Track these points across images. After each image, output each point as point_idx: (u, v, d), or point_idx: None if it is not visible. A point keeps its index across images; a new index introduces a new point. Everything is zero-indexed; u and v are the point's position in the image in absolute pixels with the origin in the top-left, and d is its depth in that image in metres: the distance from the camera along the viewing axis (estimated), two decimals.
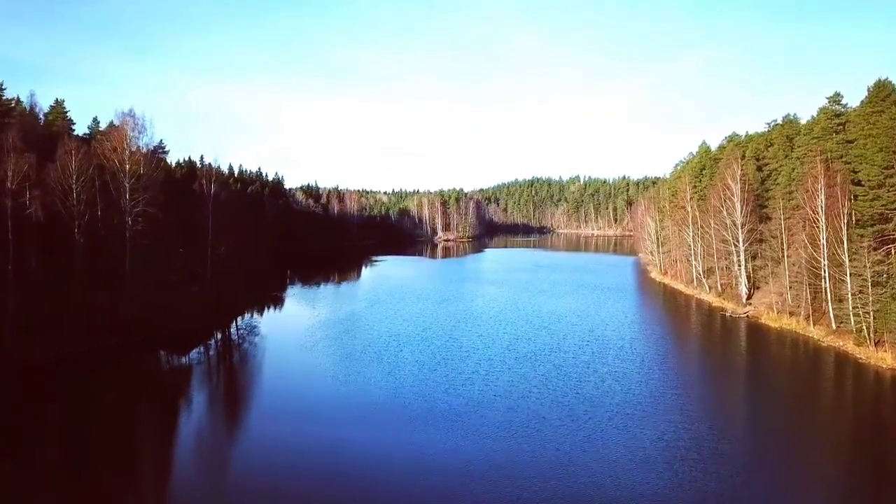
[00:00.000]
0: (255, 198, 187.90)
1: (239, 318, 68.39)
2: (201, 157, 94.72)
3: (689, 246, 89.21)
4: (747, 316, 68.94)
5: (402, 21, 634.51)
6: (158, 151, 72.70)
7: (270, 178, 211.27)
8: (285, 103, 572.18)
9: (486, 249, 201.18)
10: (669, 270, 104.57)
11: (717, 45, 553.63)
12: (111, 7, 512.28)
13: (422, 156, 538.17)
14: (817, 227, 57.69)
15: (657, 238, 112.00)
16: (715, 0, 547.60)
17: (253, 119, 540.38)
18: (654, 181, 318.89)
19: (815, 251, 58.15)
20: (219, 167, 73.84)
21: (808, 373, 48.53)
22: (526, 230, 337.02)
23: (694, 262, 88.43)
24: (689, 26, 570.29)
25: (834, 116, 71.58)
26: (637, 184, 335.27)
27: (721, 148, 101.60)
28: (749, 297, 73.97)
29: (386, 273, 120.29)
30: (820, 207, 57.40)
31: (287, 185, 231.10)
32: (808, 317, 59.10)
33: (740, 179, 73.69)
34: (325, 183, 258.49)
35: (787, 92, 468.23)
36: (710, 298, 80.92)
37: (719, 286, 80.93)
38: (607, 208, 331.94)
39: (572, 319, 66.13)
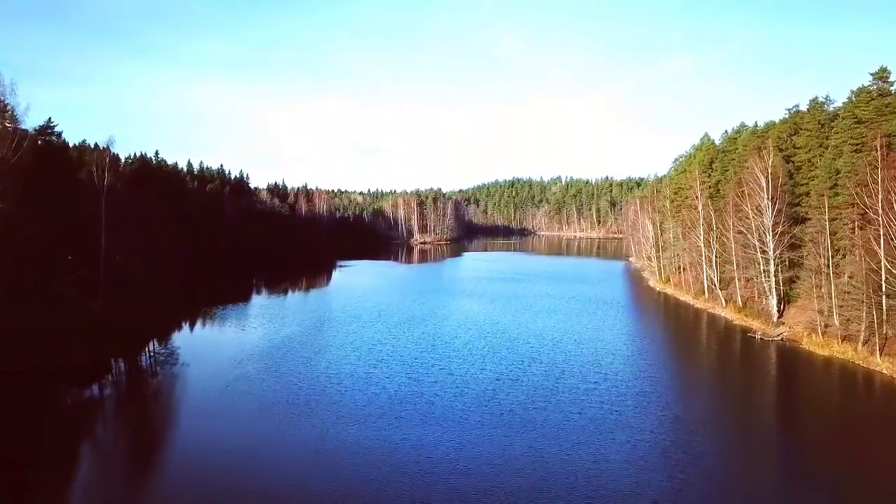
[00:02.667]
0: (213, 197, 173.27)
1: (156, 343, 53.70)
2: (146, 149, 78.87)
3: (701, 251, 76.04)
4: (782, 339, 55.72)
5: (386, 23, 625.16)
6: (46, 132, 57.56)
7: (234, 176, 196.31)
8: (263, 102, 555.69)
9: (465, 253, 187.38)
10: (672, 278, 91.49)
11: (704, 47, 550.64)
12: (88, 7, 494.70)
13: (400, 156, 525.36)
14: (890, 229, 44.58)
15: (657, 242, 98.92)
16: (700, 2, 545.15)
17: (231, 119, 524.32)
18: (639, 182, 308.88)
19: (878, 259, 45.17)
20: (112, 151, 58.18)
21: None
22: (506, 232, 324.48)
23: (707, 271, 75.21)
24: (675, 28, 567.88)
25: (879, 96, 59.38)
26: (621, 184, 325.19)
27: (730, 139, 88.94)
28: (780, 315, 60.87)
29: (349, 282, 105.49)
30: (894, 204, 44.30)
31: (259, 185, 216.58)
32: (874, 345, 45.96)
33: (770, 172, 60.52)
34: (301, 183, 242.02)
35: (773, 92, 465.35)
36: (729, 314, 67.71)
37: (739, 300, 67.73)
38: (590, 209, 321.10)
39: (568, 346, 52.22)
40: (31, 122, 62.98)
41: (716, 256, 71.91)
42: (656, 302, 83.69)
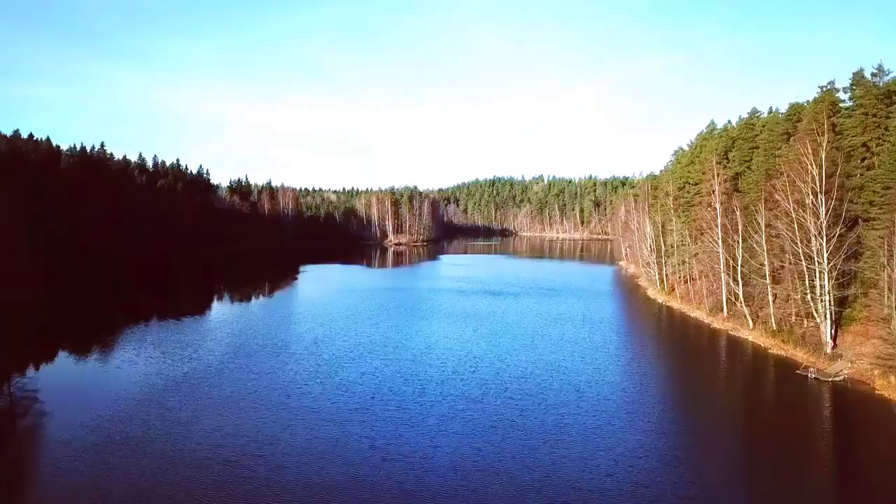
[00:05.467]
0: (166, 194, 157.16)
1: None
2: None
3: (719, 257, 62.06)
4: (844, 379, 41.78)
5: (363, 23, 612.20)
6: None
7: (191, 172, 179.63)
8: (238, 102, 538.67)
9: (442, 256, 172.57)
10: (678, 289, 77.58)
11: (675, 49, 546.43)
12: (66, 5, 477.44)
13: (378, 155, 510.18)
14: None
15: (658, 246, 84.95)
16: (672, 5, 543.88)
17: (206, 119, 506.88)
18: (625, 180, 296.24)
19: None
20: None
21: None
22: (487, 233, 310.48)
23: (728, 282, 61.15)
24: (652, 28, 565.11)
25: None
26: (605, 183, 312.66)
27: (746, 125, 75.15)
28: (834, 344, 46.95)
29: (301, 293, 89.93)
30: None
31: (222, 182, 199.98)
32: None
33: (825, 161, 46.57)
34: (277, 182, 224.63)
35: (744, 93, 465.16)
36: (759, 339, 53.73)
37: (773, 321, 53.76)
38: (573, 209, 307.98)
39: (563, 396, 37.46)
40: None
41: (740, 265, 57.89)
42: (662, 319, 69.60)
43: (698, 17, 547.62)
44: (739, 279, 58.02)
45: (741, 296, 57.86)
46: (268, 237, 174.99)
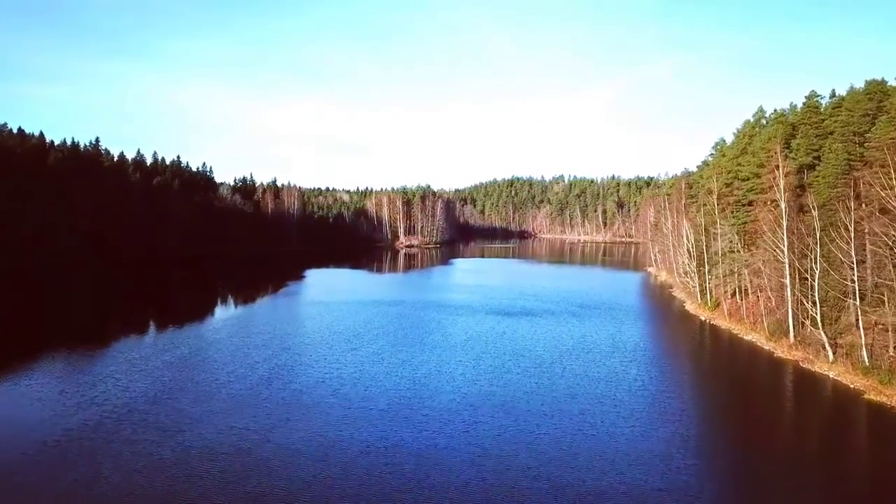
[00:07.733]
0: (160, 192, 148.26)
1: None
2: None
3: (784, 269, 49.57)
4: None
5: (375, 25, 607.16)
6: None
7: (194, 169, 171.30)
8: (251, 103, 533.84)
9: (455, 260, 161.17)
10: (725, 304, 65.00)
11: (687, 51, 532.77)
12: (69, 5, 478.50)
13: (393, 155, 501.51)
14: None
15: (700, 252, 72.32)
16: (682, 8, 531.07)
17: (217, 119, 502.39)
18: (650, 181, 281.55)
19: None
20: None
21: None
22: (504, 235, 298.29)
23: (797, 297, 48.55)
24: (660, 32, 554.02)
25: None
26: (629, 184, 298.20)
27: (810, 108, 62.50)
28: None
29: (284, 304, 78.74)
30: None
31: (227, 181, 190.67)
32: None
33: None
34: (284, 181, 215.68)
35: (752, 93, 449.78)
36: (842, 376, 41.24)
37: (865, 355, 41.16)
38: (595, 211, 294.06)
39: (598, 486, 25.70)
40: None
41: (818, 279, 45.31)
42: (709, 344, 57.11)
43: (716, 18, 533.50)
44: (816, 297, 45.36)
45: (819, 319, 45.19)
46: (271, 238, 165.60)
